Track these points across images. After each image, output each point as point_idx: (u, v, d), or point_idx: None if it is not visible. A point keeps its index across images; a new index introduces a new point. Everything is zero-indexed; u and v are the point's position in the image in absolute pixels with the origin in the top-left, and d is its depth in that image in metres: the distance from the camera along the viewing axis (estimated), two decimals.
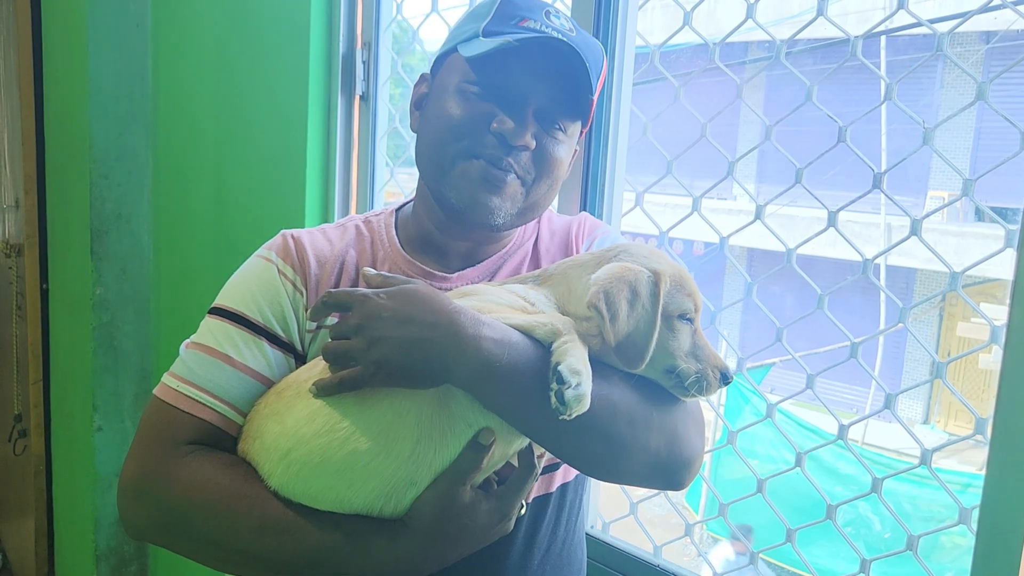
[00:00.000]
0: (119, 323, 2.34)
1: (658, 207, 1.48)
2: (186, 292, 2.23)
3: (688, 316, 0.92)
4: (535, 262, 1.11)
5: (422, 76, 1.07)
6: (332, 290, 0.90)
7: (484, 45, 0.93)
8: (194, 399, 0.95)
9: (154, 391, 0.98)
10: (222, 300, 1.02)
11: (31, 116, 2.43)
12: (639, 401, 0.90)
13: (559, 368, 0.81)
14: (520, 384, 0.84)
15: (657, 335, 0.88)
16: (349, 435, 0.87)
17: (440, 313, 0.85)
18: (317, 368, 0.92)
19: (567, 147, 1.02)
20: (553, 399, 0.81)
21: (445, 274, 1.06)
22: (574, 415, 0.80)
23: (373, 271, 0.94)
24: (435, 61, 1.05)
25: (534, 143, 0.97)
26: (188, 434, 0.93)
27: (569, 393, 0.80)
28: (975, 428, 1.08)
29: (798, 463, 1.29)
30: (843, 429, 1.24)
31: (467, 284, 1.05)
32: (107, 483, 2.37)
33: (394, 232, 1.09)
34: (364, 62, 1.79)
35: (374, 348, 0.84)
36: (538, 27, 0.95)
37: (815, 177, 1.29)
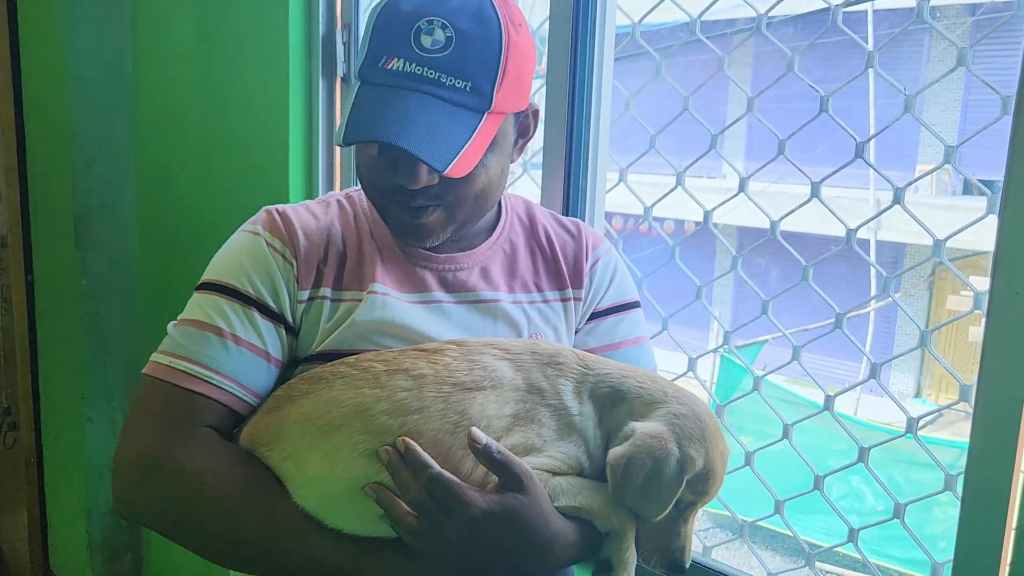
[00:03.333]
0: (106, 313, 2.32)
1: (647, 187, 1.48)
2: (173, 280, 2.22)
3: (690, 505, 0.92)
4: (522, 261, 1.09)
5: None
6: (424, 458, 0.85)
7: (341, 133, 0.91)
8: (192, 375, 0.93)
9: (144, 371, 0.96)
10: (209, 275, 1.00)
11: (9, 106, 2.40)
12: None
13: None
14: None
15: (664, 516, 0.89)
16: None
17: (536, 547, 0.87)
18: (343, 395, 0.90)
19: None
20: None
21: (433, 253, 1.04)
22: None
23: (483, 437, 0.86)
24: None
25: (435, 177, 0.94)
26: (189, 413, 0.92)
27: None
28: (960, 395, 1.08)
29: (785, 435, 1.29)
30: (829, 400, 1.24)
31: (456, 268, 1.04)
32: (99, 474, 2.36)
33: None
34: (344, 43, 1.77)
35: (449, 547, 0.85)
36: (400, 67, 0.90)
37: (802, 154, 1.28)
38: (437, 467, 0.84)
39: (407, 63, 0.90)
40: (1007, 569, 0.98)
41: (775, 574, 1.27)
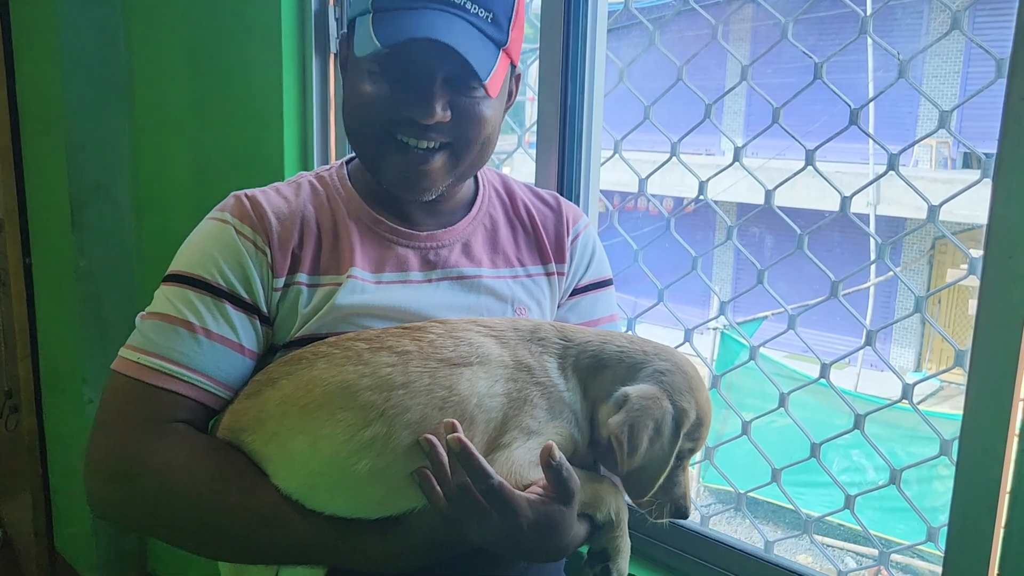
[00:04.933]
0: (104, 295, 2.32)
1: (645, 166, 1.47)
2: (170, 261, 2.21)
3: (688, 453, 0.93)
4: (503, 236, 1.09)
5: (342, 36, 1.02)
6: (483, 465, 0.82)
7: (369, 45, 0.89)
8: (161, 371, 0.91)
9: (113, 366, 0.94)
10: (177, 266, 0.97)
11: (3, 88, 2.39)
12: None
13: (610, 567, 0.93)
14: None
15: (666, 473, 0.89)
16: (396, 482, 0.87)
17: (559, 548, 0.88)
18: (325, 373, 0.89)
19: (488, 101, 0.97)
20: None
21: (414, 231, 1.03)
22: None
23: (558, 454, 0.83)
24: (348, 24, 0.99)
25: (448, 114, 0.93)
26: (159, 410, 0.90)
27: None
28: (955, 360, 1.08)
29: (781, 403, 1.30)
30: (825, 368, 1.24)
31: (438, 246, 1.03)
32: None
33: (350, 185, 1.05)
34: (337, 19, 1.76)
35: (479, 538, 0.84)
36: None
37: (801, 129, 1.27)
38: (496, 476, 0.82)
39: None
40: (1001, 532, 0.98)
41: (773, 542, 1.28)
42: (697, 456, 1.02)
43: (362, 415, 0.86)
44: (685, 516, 0.94)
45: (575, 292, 1.12)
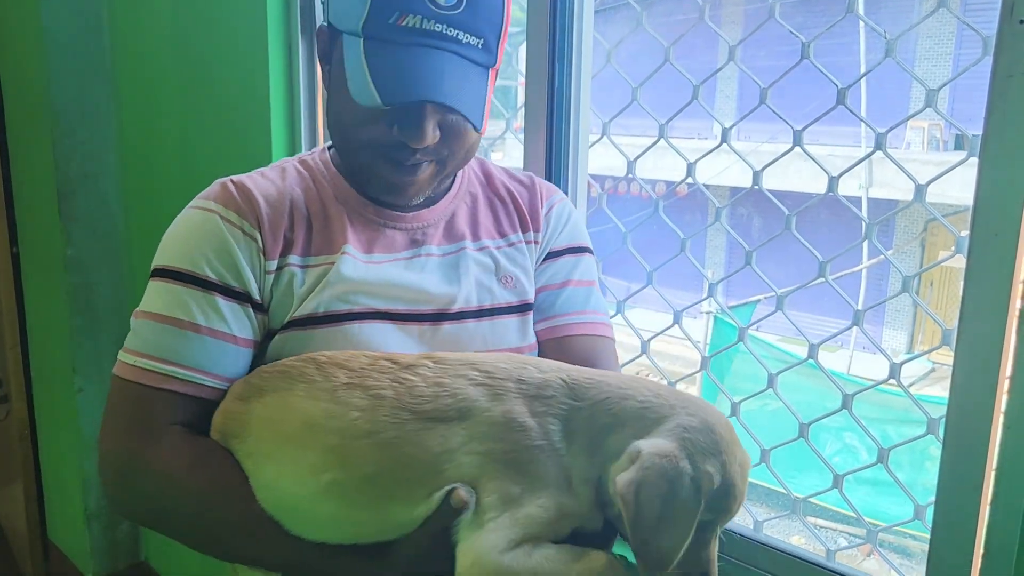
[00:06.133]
0: (94, 284, 2.31)
1: (635, 151, 1.47)
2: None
3: (710, 525, 0.82)
4: (483, 211, 1.09)
5: (320, 28, 0.99)
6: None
7: (370, 97, 0.87)
8: (157, 372, 0.91)
9: (114, 370, 0.94)
10: (162, 260, 0.96)
11: None
12: None
13: None
14: None
15: (687, 545, 0.78)
16: (358, 527, 0.84)
17: None
18: (302, 404, 0.86)
19: None
20: None
21: (401, 213, 1.03)
22: None
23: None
24: (332, 30, 0.96)
25: (438, 134, 0.92)
26: (156, 412, 0.91)
27: None
28: (942, 339, 1.09)
29: (770, 384, 1.30)
30: (813, 348, 1.24)
31: (424, 225, 1.03)
32: (92, 444, 2.37)
33: (335, 169, 1.04)
34: (323, 2, 1.74)
35: None
36: (417, 24, 0.87)
37: (793, 112, 1.27)
38: None
39: (424, 20, 0.87)
40: (987, 509, 0.99)
41: (762, 521, 1.29)
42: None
43: (323, 458, 0.83)
44: None
45: (550, 256, 1.12)
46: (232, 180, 0.99)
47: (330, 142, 1.09)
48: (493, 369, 0.86)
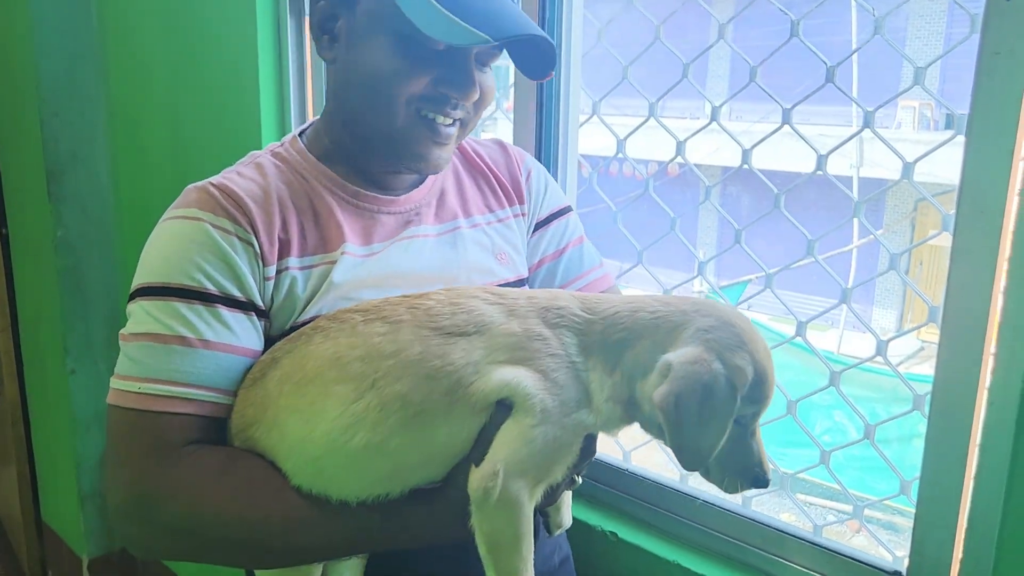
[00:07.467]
0: (84, 266, 2.30)
1: (626, 129, 1.47)
2: (151, 229, 2.20)
3: (752, 417, 0.84)
4: (468, 186, 1.09)
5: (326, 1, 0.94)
6: None
7: (463, 33, 0.82)
8: (162, 395, 0.85)
9: (109, 400, 0.88)
10: (151, 277, 0.88)
11: None
12: None
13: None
14: None
15: (723, 442, 0.80)
16: (399, 456, 0.83)
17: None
18: (319, 348, 0.86)
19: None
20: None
21: (393, 197, 1.01)
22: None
23: None
24: None
25: (479, 90, 0.92)
26: (169, 436, 0.85)
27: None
28: (928, 316, 1.10)
29: None
30: (801, 326, 1.25)
31: (416, 207, 1.02)
32: (85, 426, 2.37)
33: (314, 159, 0.99)
34: None
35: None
36: None
37: (785, 93, 1.27)
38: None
39: None
40: (971, 484, 1.00)
41: (751, 497, 1.30)
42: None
43: (352, 387, 0.82)
44: (765, 485, 0.85)
45: (539, 226, 1.13)
46: (212, 184, 0.92)
47: (298, 129, 1.05)
48: (504, 291, 0.89)
